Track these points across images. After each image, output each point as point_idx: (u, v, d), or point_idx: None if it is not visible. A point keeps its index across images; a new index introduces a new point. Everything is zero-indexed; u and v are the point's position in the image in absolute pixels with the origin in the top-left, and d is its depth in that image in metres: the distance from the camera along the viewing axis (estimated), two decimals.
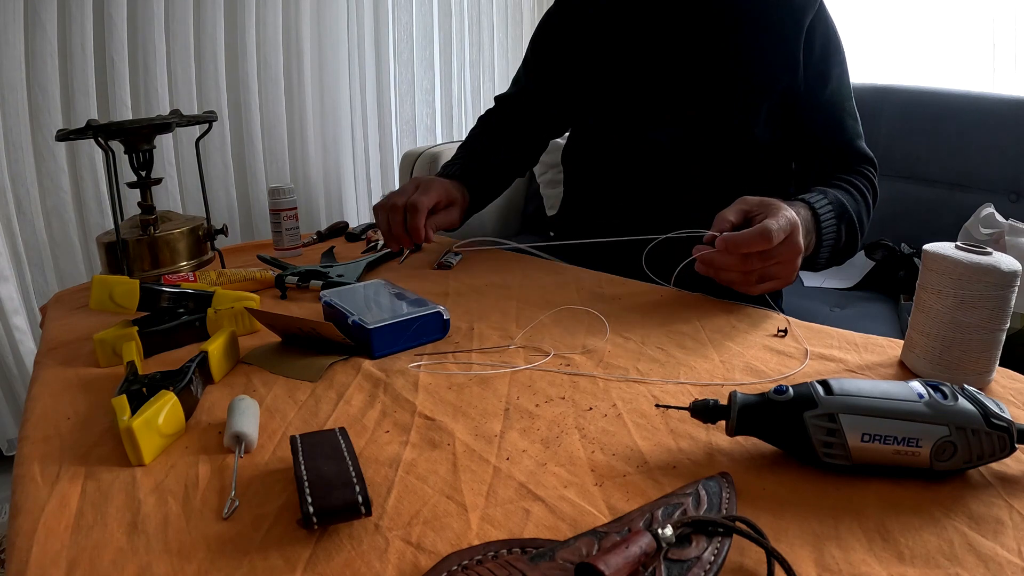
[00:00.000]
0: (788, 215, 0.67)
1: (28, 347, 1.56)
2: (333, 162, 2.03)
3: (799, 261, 0.68)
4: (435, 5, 2.18)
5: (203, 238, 0.90)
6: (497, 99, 1.16)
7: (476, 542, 0.35)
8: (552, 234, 1.17)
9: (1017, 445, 0.39)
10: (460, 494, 0.40)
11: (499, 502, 0.39)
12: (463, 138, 1.15)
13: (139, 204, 0.86)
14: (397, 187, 2.07)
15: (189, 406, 0.50)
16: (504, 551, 0.34)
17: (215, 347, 0.57)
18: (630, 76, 0.95)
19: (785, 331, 0.65)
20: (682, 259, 0.73)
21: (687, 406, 0.44)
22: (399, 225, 0.89)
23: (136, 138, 0.84)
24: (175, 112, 0.90)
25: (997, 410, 0.39)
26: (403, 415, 0.50)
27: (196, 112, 1.41)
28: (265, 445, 0.46)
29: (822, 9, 0.91)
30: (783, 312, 0.73)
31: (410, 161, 1.76)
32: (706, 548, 0.33)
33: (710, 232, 0.67)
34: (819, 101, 0.91)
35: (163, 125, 0.85)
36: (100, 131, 0.78)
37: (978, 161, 1.51)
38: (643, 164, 0.95)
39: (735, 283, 0.68)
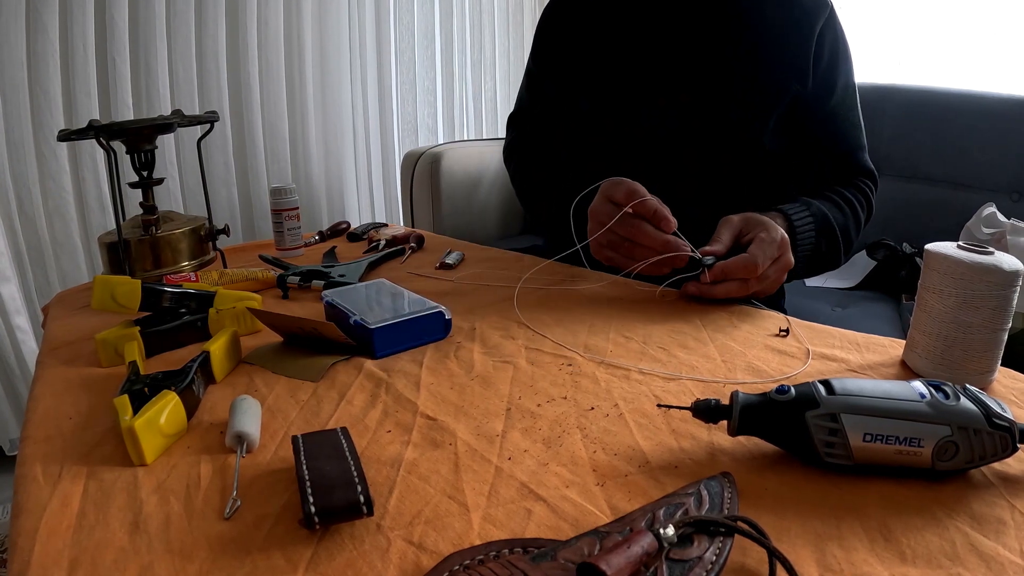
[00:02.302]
0: (776, 236, 0.71)
1: (30, 347, 1.56)
2: (335, 162, 2.03)
3: (785, 274, 0.73)
4: (436, 5, 2.18)
5: (205, 238, 0.90)
6: (512, 122, 1.11)
7: (478, 542, 0.35)
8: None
9: (1019, 445, 0.39)
10: (462, 494, 0.40)
11: (501, 502, 0.39)
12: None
13: (141, 204, 0.86)
14: (399, 187, 2.07)
15: (191, 406, 0.50)
16: (506, 551, 0.34)
17: (217, 347, 0.57)
18: (625, 57, 0.93)
19: (787, 331, 0.65)
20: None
21: (689, 406, 0.44)
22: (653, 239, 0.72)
23: (138, 138, 0.84)
24: (176, 112, 0.90)
25: (999, 410, 0.39)
26: (405, 415, 0.50)
27: (198, 112, 1.41)
28: (267, 445, 0.46)
29: (832, 15, 0.89)
30: (785, 312, 0.73)
31: (412, 161, 1.75)
32: (708, 548, 0.33)
33: (698, 253, 0.71)
34: (823, 110, 0.90)
35: (165, 125, 0.85)
36: (102, 131, 0.78)
37: (980, 160, 1.51)
38: (636, 151, 0.94)
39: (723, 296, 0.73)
